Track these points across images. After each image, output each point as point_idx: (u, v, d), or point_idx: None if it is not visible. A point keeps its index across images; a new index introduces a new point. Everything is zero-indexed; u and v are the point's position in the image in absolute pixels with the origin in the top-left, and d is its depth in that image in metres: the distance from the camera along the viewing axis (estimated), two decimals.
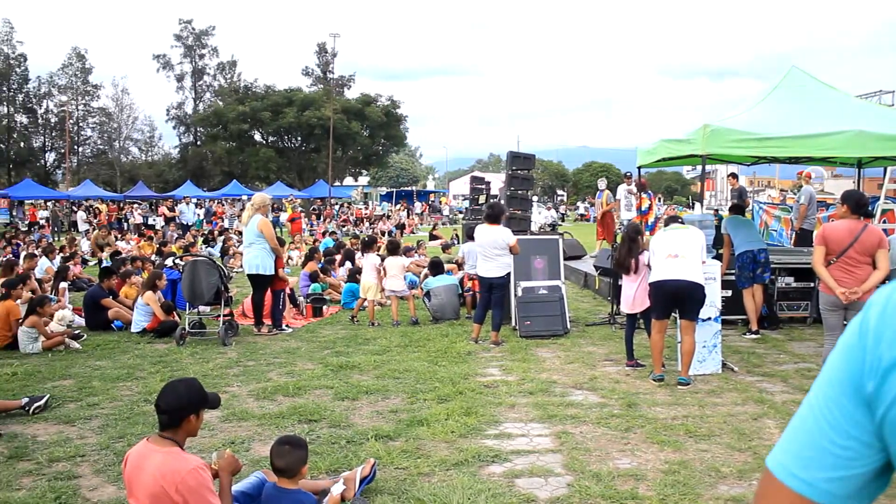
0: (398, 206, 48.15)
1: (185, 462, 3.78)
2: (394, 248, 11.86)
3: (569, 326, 10.53)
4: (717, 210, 24.70)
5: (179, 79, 72.85)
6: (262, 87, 62.71)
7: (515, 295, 10.54)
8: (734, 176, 18.21)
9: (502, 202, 11.51)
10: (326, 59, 67.95)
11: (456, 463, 5.49)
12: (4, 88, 68.78)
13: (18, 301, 10.40)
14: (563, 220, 48.23)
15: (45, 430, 6.52)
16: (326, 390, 7.62)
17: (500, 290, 9.80)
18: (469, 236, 12.01)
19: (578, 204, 65.53)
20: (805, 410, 1.18)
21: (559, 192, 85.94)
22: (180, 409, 3.89)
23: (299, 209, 31.85)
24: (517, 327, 10.50)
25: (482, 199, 18.48)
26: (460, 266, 13.41)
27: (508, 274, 9.80)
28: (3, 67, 67.80)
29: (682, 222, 8.45)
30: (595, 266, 14.57)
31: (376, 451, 5.70)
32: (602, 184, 18.82)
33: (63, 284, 14.05)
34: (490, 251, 9.63)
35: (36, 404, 6.95)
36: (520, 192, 12.03)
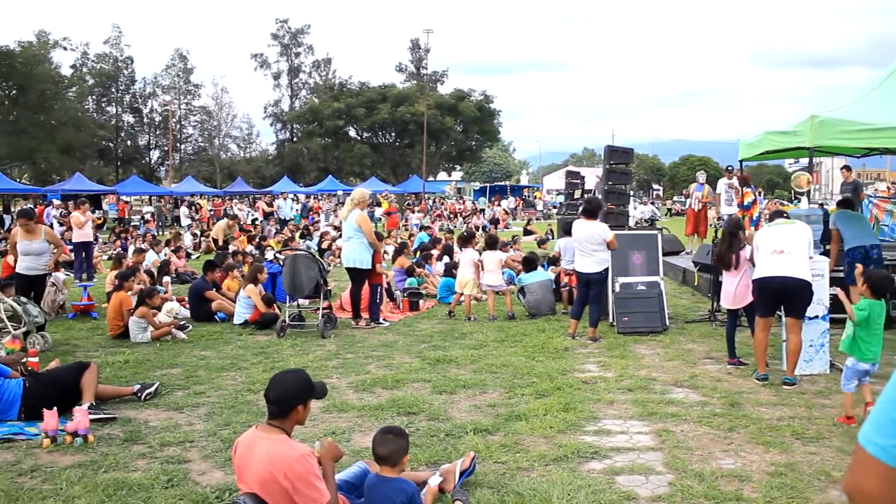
0: (492, 201, 48.09)
1: (293, 449, 3.88)
2: (492, 243, 11.87)
3: (668, 323, 10.36)
4: (821, 204, 23.74)
5: (276, 77, 74.64)
6: (356, 84, 63.69)
7: (613, 291, 10.43)
8: (847, 168, 17.48)
9: (599, 197, 11.39)
10: (420, 55, 68.48)
11: (555, 458, 5.47)
12: (113, 90, 71.81)
13: (130, 293, 10.87)
14: (667, 215, 47.39)
15: (155, 415, 6.80)
16: (424, 384, 7.70)
17: (598, 286, 9.72)
18: (566, 231, 11.93)
19: (675, 198, 64.28)
20: (890, 385, 1.38)
21: (655, 186, 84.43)
22: (288, 399, 4.00)
23: (395, 204, 32.20)
24: (615, 323, 10.39)
25: (577, 193, 18.36)
26: (555, 262, 13.33)
27: (606, 269, 9.69)
28: (112, 70, 70.76)
29: (787, 217, 8.19)
30: (694, 262, 14.27)
31: (475, 444, 5.74)
32: (702, 177, 18.41)
33: (166, 278, 14.62)
34: (587, 246, 9.55)
35: (147, 391, 7.26)
36: (618, 186, 11.89)
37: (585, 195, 18.20)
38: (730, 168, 16.97)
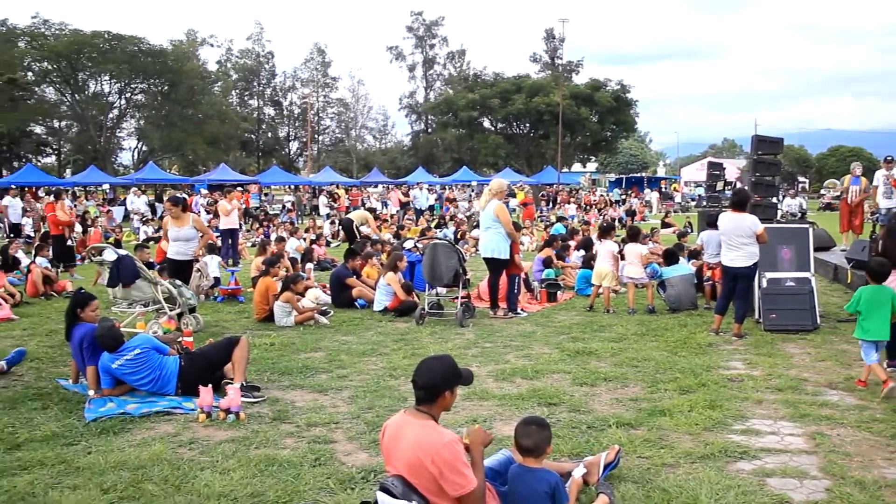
0: (629, 193, 47.18)
1: (441, 436, 3.92)
2: (634, 235, 11.65)
3: (818, 321, 9.87)
4: None
5: (411, 69, 75.71)
6: (490, 75, 63.79)
7: (760, 286, 10.03)
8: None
9: (746, 188, 10.97)
10: (554, 45, 67.96)
11: (702, 456, 5.32)
12: (255, 84, 74.80)
13: (275, 278, 11.28)
14: (820, 209, 45.18)
15: (301, 397, 7.03)
16: (564, 375, 7.64)
17: (745, 281, 9.36)
18: (709, 224, 11.55)
19: (823, 191, 61.15)
20: None
21: (801, 178, 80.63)
22: (436, 385, 4.04)
23: (530, 195, 32.11)
24: (761, 320, 9.99)
25: (720, 185, 17.75)
26: (697, 255, 12.94)
27: (755, 264, 9.32)
28: (254, 65, 73.72)
29: None
30: (847, 258, 13.54)
31: (618, 438, 5.65)
32: (858, 169, 17.40)
33: (309, 265, 15.10)
34: (735, 240, 9.20)
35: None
36: (766, 178, 11.42)
37: (728, 187, 17.59)
38: (889, 158, 15.97)
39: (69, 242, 17.61)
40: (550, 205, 37.56)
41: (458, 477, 3.83)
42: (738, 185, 17.30)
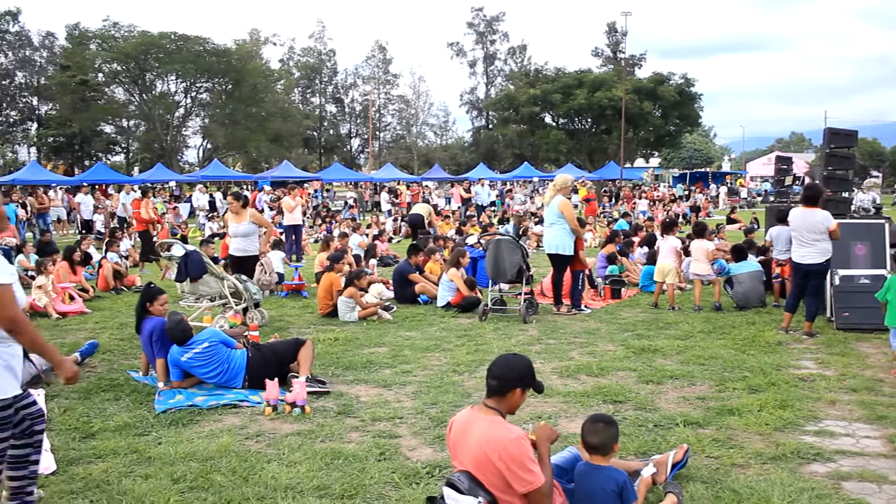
0: (693, 189, 46.37)
1: (509, 431, 3.89)
2: (700, 231, 11.43)
3: None
4: None
5: (472, 65, 75.67)
6: (552, 70, 63.36)
7: (832, 283, 9.75)
8: None
9: (817, 183, 10.67)
10: (617, 39, 67.26)
11: (773, 457, 5.20)
12: (317, 81, 75.64)
13: (339, 274, 11.37)
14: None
15: (366, 391, 7.07)
16: (629, 372, 7.54)
17: (817, 278, 9.11)
18: (779, 219, 11.27)
19: None
20: None
21: (873, 172, 78.28)
22: (511, 379, 4.01)
23: (593, 191, 31.79)
24: (833, 318, 9.71)
25: (788, 180, 17.35)
26: (765, 251, 12.63)
27: (828, 261, 9.05)
28: (316, 63, 74.55)
29: None
30: None
31: (685, 437, 5.55)
32: None
33: (372, 261, 15.19)
34: (807, 236, 8.95)
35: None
36: (839, 172, 11.10)
37: (797, 182, 17.19)
38: None
39: (154, 238, 18.14)
40: (613, 201, 37.16)
41: (526, 473, 3.79)
42: (808, 179, 16.87)
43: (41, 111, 63.30)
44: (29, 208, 27.24)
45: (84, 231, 25.55)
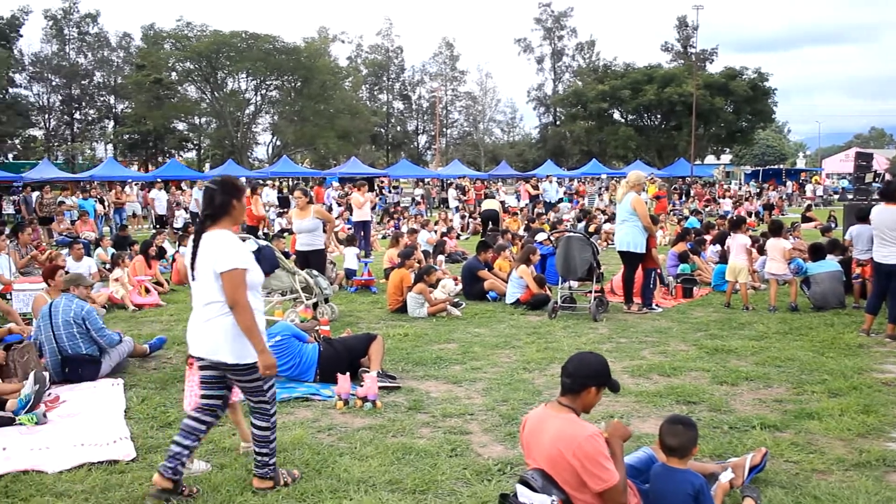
0: (766, 186, 45.25)
1: (583, 429, 3.85)
2: (776, 229, 11.13)
3: None
4: None
5: (539, 61, 75.22)
6: (621, 66, 62.74)
7: None
8: None
9: None
10: (687, 33, 66.18)
11: (856, 464, 5.03)
12: (384, 78, 76.11)
13: (409, 270, 11.41)
14: None
15: (436, 387, 7.08)
16: (703, 373, 7.40)
17: None
18: (859, 217, 10.91)
19: None
20: None
21: None
22: (586, 376, 3.99)
23: (664, 187, 31.22)
24: None
25: (868, 176, 16.82)
26: (844, 250, 12.26)
27: None
28: (384, 60, 75.03)
29: None
30: None
31: (763, 440, 5.42)
32: None
33: (441, 257, 15.21)
34: (889, 234, 8.63)
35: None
36: None
37: (877, 179, 16.65)
38: None
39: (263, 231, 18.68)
40: (683, 198, 36.52)
41: (601, 471, 3.76)
42: (888, 176, 16.34)
43: (117, 109, 65.28)
44: (106, 203, 28.10)
45: (158, 226, 26.19)
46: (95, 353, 7.65)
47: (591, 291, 10.48)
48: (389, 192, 41.62)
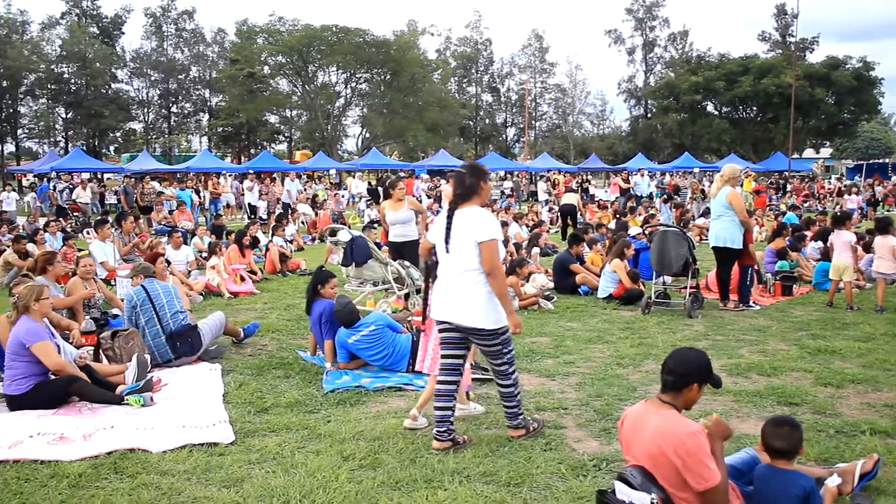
0: (871, 181, 43.47)
1: (685, 425, 3.76)
2: (884, 227, 10.63)
3: None
4: None
5: (630, 52, 74.01)
6: (715, 56, 61.27)
7: None
8: None
9: None
10: (786, 22, 64.09)
11: None
12: (473, 71, 76.14)
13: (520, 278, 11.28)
14: None
15: (529, 381, 7.01)
16: (805, 374, 7.13)
17: None
18: None
19: None
20: None
21: None
22: (688, 374, 3.90)
23: (763, 182, 30.44)
24: None
25: None
26: None
27: None
28: (472, 52, 75.09)
29: None
30: None
31: (873, 446, 5.18)
32: None
33: (535, 249, 15.11)
34: None
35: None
36: None
37: None
38: None
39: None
40: (780, 193, 35.38)
41: (703, 469, 3.66)
42: None
43: (212, 103, 67.23)
44: (202, 193, 28.91)
45: (252, 216, 26.81)
46: (194, 323, 8.06)
47: (685, 287, 10.25)
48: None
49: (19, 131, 61.82)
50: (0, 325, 6.87)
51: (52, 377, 6.41)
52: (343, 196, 32.65)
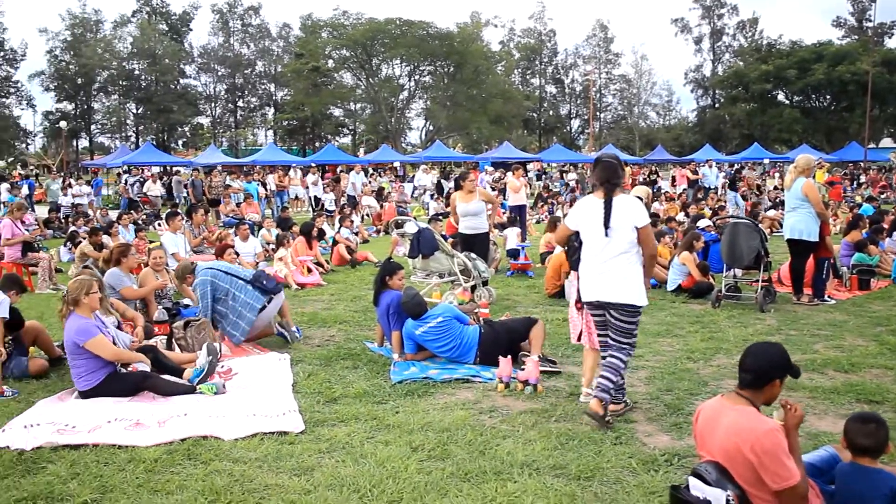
0: None
1: (762, 422, 3.67)
2: None
3: None
4: None
5: (697, 41, 72.80)
6: (786, 44, 59.79)
7: None
8: None
9: None
10: (863, 6, 62.18)
11: None
12: (537, 62, 75.75)
13: None
14: None
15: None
16: (885, 371, 6.91)
17: None
18: None
19: None
20: None
21: None
22: (768, 370, 3.82)
23: (838, 172, 29.61)
24: None
25: None
26: None
27: None
28: (536, 43, 74.69)
29: None
30: None
31: None
32: None
33: None
34: None
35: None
36: None
37: None
38: None
39: None
40: (854, 184, 34.38)
41: (781, 468, 3.56)
42: None
43: (277, 97, 68.34)
44: (268, 186, 29.32)
45: (318, 208, 27.09)
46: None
47: (757, 280, 10.01)
48: (542, 176, 41.36)
49: (93, 127, 63.69)
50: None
51: (123, 370, 6.54)
52: (406, 189, 32.75)
